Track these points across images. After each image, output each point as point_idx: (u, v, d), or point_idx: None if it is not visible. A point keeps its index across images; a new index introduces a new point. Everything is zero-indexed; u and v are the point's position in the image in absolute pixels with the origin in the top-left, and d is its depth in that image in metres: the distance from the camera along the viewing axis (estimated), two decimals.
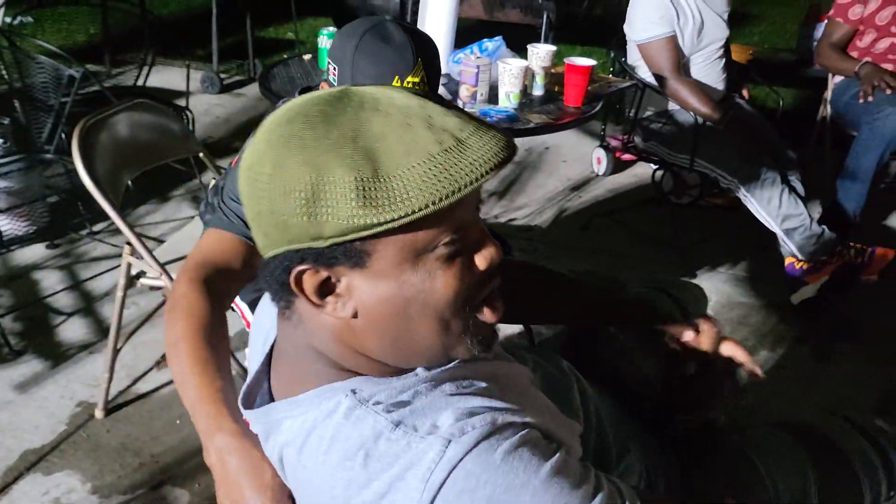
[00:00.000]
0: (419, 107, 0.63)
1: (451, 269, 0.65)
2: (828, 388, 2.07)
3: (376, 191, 0.59)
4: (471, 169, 0.60)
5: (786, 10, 7.48)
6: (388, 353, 0.69)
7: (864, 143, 2.63)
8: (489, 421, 0.64)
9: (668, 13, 2.48)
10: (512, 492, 0.61)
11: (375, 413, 0.65)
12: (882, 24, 2.85)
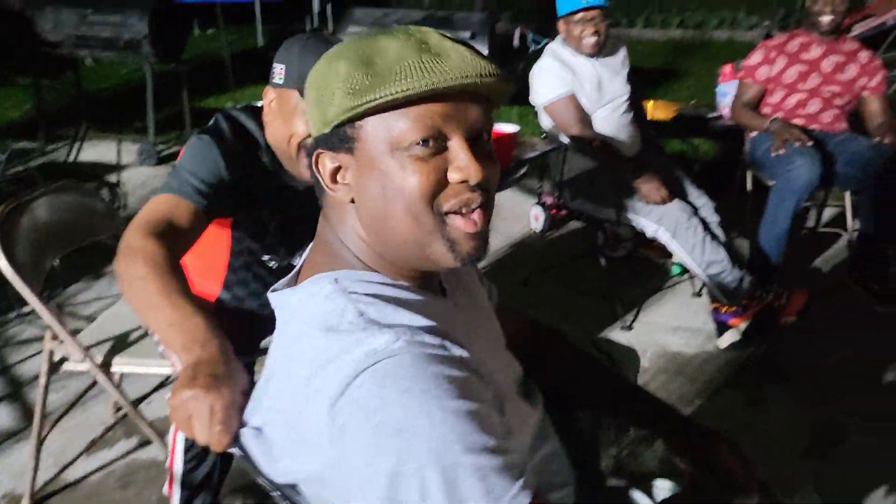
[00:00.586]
0: (424, 33, 0.77)
1: (421, 167, 0.75)
2: (762, 433, 2.11)
3: (362, 82, 0.73)
4: (442, 76, 0.72)
5: (711, 66, 7.88)
6: (377, 239, 0.80)
7: (779, 193, 2.76)
8: (429, 343, 0.73)
9: (564, 75, 2.64)
10: (416, 405, 0.67)
11: (348, 298, 0.76)
12: (790, 81, 3.04)
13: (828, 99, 3.00)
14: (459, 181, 0.76)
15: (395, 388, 0.68)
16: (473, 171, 0.75)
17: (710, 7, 10.34)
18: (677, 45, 9.36)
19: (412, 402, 0.67)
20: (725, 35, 9.72)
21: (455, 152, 0.76)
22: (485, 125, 0.79)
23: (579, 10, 2.64)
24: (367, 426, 0.67)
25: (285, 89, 1.36)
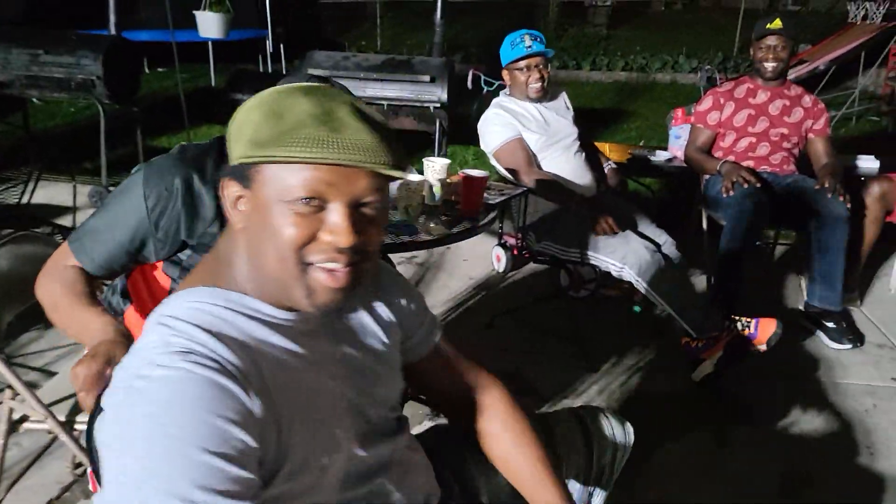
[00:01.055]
0: (337, 103, 0.84)
1: (298, 221, 0.83)
2: (731, 475, 2.14)
3: (265, 137, 0.82)
4: (331, 153, 0.80)
5: (657, 107, 8.16)
6: (253, 267, 0.89)
7: (731, 230, 2.86)
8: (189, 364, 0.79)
9: (509, 121, 2.78)
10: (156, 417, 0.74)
11: (163, 329, 0.84)
12: (739, 125, 3.17)
13: (776, 142, 3.13)
14: (329, 241, 0.84)
15: (140, 409, 0.75)
16: (343, 238, 0.84)
17: (651, 52, 10.75)
18: (622, 86, 9.68)
19: (144, 421, 0.75)
20: (668, 77, 10.09)
21: (331, 215, 0.84)
22: (371, 194, 0.86)
23: (523, 57, 2.77)
24: (116, 415, 0.77)
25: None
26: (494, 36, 11.43)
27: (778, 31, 3.06)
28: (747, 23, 10.75)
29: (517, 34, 2.82)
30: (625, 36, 12.16)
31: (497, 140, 2.78)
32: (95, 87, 3.90)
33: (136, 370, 0.79)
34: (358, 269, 0.87)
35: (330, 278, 0.86)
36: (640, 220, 2.80)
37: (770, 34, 3.07)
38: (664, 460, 2.20)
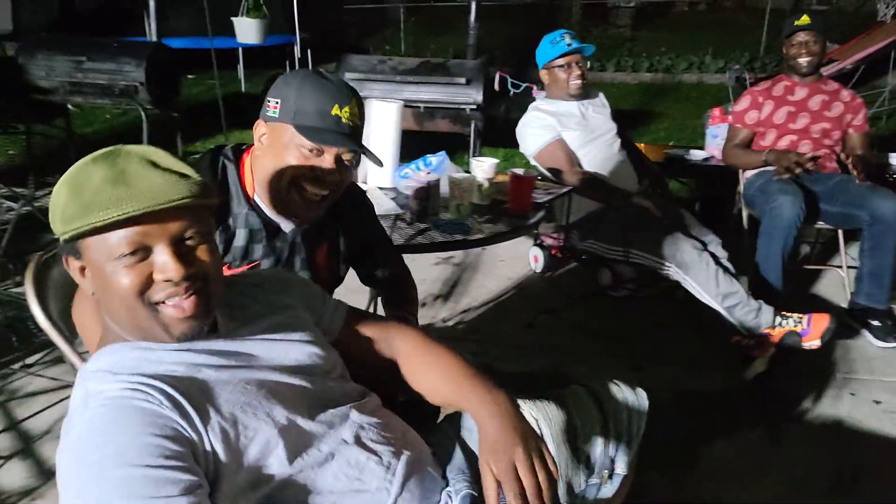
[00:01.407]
0: (128, 161, 0.93)
1: (129, 272, 0.92)
2: (783, 471, 2.14)
3: (70, 213, 0.90)
4: (130, 205, 0.88)
5: (684, 107, 8.13)
6: (115, 322, 0.99)
7: (767, 230, 2.85)
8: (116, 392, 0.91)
9: (548, 121, 2.80)
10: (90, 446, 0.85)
11: (84, 377, 0.96)
12: (780, 122, 3.15)
13: (818, 139, 3.12)
14: (164, 280, 0.93)
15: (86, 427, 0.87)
16: (173, 272, 0.93)
17: (676, 52, 10.70)
18: (648, 87, 9.64)
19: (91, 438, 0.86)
20: (695, 78, 10.04)
21: (158, 258, 0.93)
22: (188, 227, 0.95)
23: (564, 54, 2.82)
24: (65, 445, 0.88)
25: (279, 123, 1.35)
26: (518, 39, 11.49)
27: (807, 26, 3.06)
28: (774, 22, 10.67)
29: (556, 33, 2.86)
30: (649, 37, 12.10)
31: (537, 143, 2.81)
32: (138, 93, 3.97)
33: (66, 424, 0.91)
34: (202, 293, 0.97)
35: (177, 311, 0.95)
36: (685, 219, 2.81)
37: (799, 30, 3.08)
38: (716, 457, 2.20)
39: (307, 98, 1.33)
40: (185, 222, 0.94)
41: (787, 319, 2.54)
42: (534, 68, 2.98)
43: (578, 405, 1.28)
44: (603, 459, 1.25)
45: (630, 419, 1.30)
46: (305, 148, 1.33)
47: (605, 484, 1.25)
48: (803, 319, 2.53)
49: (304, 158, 1.34)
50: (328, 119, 1.32)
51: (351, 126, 1.34)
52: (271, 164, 1.37)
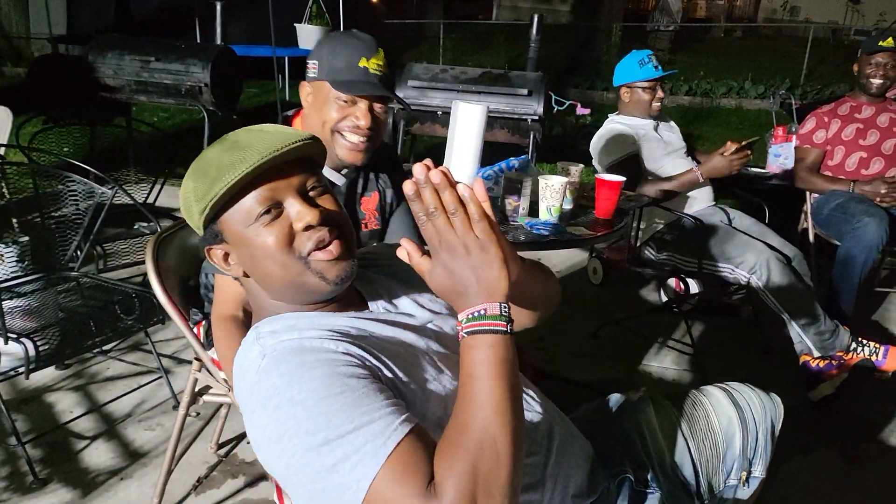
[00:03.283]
0: (237, 134, 0.99)
1: (272, 229, 0.96)
2: (865, 490, 2.11)
3: (202, 191, 0.95)
4: (249, 162, 0.91)
5: (723, 132, 8.12)
6: (272, 292, 1.02)
7: (848, 251, 2.83)
8: (296, 341, 0.92)
9: (626, 136, 2.83)
10: (291, 386, 0.85)
11: (257, 336, 0.96)
12: (849, 139, 3.14)
13: (889, 155, 3.09)
14: (303, 228, 0.96)
15: (276, 375, 0.87)
16: (309, 216, 0.96)
17: (715, 77, 10.70)
18: (686, 111, 9.63)
19: (291, 380, 0.85)
20: (733, 103, 10.02)
21: (291, 209, 0.97)
22: (308, 179, 0.99)
23: (655, 79, 2.85)
24: (259, 405, 0.86)
25: (318, 81, 1.51)
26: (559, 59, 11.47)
27: (890, 49, 3.05)
28: (814, 51, 10.66)
29: (643, 53, 2.90)
30: (687, 61, 12.11)
31: (611, 156, 2.81)
32: (202, 94, 4.04)
33: (247, 385, 0.90)
34: (343, 237, 1.00)
35: (326, 254, 0.97)
36: (768, 233, 2.81)
37: (882, 51, 3.07)
38: (796, 473, 2.17)
39: (338, 55, 1.49)
40: (304, 174, 0.98)
41: (863, 347, 2.52)
42: (573, 89, 3.00)
43: (716, 405, 1.28)
44: (741, 461, 1.25)
45: (766, 422, 1.29)
46: (341, 100, 1.49)
47: (742, 486, 1.24)
48: (880, 350, 2.50)
49: (342, 109, 1.50)
50: (357, 71, 1.48)
51: (378, 75, 1.50)
52: (317, 118, 1.53)
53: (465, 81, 3.89)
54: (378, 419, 0.81)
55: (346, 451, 0.79)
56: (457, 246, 0.83)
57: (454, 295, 0.86)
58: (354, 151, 1.53)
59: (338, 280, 0.99)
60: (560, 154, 6.26)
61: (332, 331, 0.96)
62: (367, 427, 0.80)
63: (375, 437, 0.79)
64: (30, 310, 2.35)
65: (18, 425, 2.15)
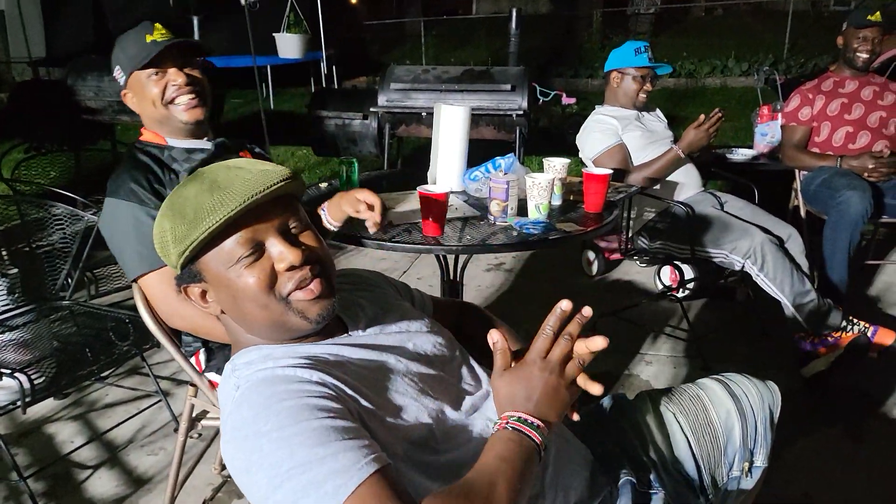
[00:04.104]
0: (215, 172, 0.97)
1: (253, 271, 0.96)
2: (871, 468, 2.11)
3: (181, 234, 0.94)
4: (232, 205, 0.92)
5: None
6: (250, 329, 1.02)
7: (834, 225, 2.83)
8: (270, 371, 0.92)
9: (611, 126, 2.84)
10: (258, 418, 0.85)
11: (233, 368, 0.98)
12: (834, 114, 3.14)
13: (875, 128, 3.09)
14: (285, 269, 0.97)
15: (246, 407, 0.87)
16: (291, 257, 0.96)
17: (697, 57, 10.70)
18: (672, 93, 9.63)
19: (258, 412, 0.86)
20: (718, 82, 10.03)
21: (273, 249, 0.97)
22: (289, 218, 1.00)
23: (643, 67, 2.87)
24: (231, 437, 0.87)
25: (130, 79, 1.62)
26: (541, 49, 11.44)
27: (878, 23, 3.04)
28: (795, 25, 10.65)
29: (641, 44, 2.92)
30: (669, 43, 12.10)
31: (598, 147, 2.81)
32: None
33: (225, 418, 0.91)
34: (324, 275, 1.01)
35: (307, 293, 0.98)
36: (760, 215, 2.80)
37: (870, 26, 3.06)
38: (800, 455, 2.17)
39: (127, 48, 1.61)
40: (285, 213, 0.99)
41: (854, 326, 2.52)
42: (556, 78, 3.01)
43: (713, 398, 1.28)
44: (743, 452, 1.24)
45: (764, 411, 1.29)
46: (153, 76, 1.60)
47: (745, 476, 1.24)
48: (869, 330, 2.51)
49: (159, 82, 1.60)
50: (150, 47, 1.58)
51: (166, 40, 1.59)
52: (147, 105, 1.62)
53: (448, 81, 3.88)
54: (343, 457, 0.80)
55: (306, 488, 0.79)
56: (554, 367, 0.95)
57: (521, 393, 0.94)
58: (190, 109, 1.62)
59: (319, 319, 0.99)
60: (549, 145, 6.26)
61: (308, 358, 0.96)
62: (330, 463, 0.80)
63: (338, 474, 0.79)
64: (24, 342, 2.33)
65: (19, 459, 2.14)
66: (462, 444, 1.00)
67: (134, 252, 1.51)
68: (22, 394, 1.81)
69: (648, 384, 2.58)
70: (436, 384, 1.05)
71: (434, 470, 0.96)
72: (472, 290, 3.46)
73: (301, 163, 6.10)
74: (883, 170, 2.95)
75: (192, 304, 1.03)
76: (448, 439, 0.99)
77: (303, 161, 6.05)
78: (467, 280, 3.55)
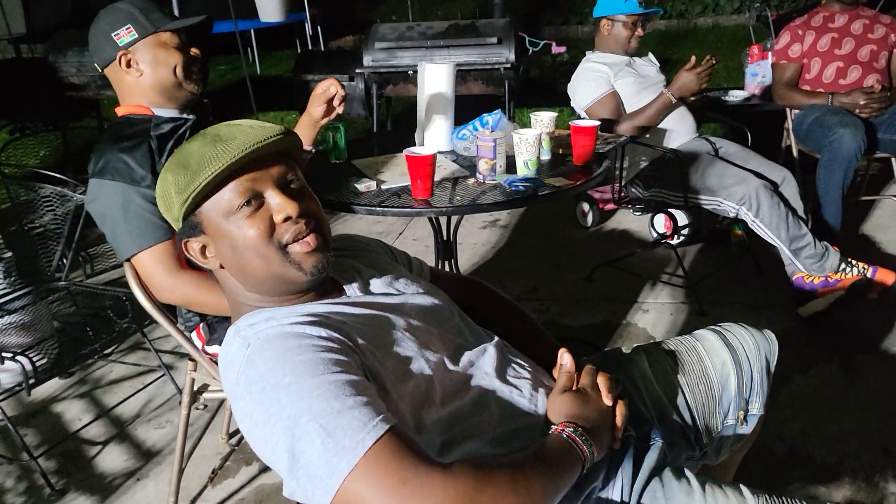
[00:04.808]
0: (217, 128, 1.02)
1: (252, 221, 0.99)
2: (867, 400, 2.14)
3: (183, 183, 0.98)
4: (233, 153, 0.95)
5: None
6: (249, 284, 1.04)
7: (827, 164, 2.83)
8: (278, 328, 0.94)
9: (601, 75, 2.81)
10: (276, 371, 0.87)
11: (237, 330, 0.98)
12: (824, 50, 3.09)
13: (866, 62, 3.05)
14: (283, 220, 1.00)
15: (262, 362, 0.89)
16: (290, 208, 0.99)
17: None
18: (664, 35, 9.48)
19: (274, 366, 0.88)
20: (710, 21, 9.85)
21: (272, 201, 1.00)
22: (288, 172, 1.03)
23: (637, 14, 2.84)
24: (246, 392, 0.89)
25: (145, 38, 1.57)
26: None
27: None
28: None
29: None
30: None
31: (590, 96, 2.79)
32: None
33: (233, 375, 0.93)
34: (320, 230, 1.04)
35: (304, 246, 1.01)
36: (754, 158, 2.79)
37: None
38: (797, 392, 2.20)
39: (147, 10, 1.59)
40: (284, 167, 1.02)
41: (853, 268, 2.52)
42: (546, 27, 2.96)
43: (709, 349, 1.29)
44: (738, 401, 1.26)
45: (760, 360, 1.31)
46: (175, 45, 1.59)
47: (741, 424, 1.26)
48: (868, 270, 2.51)
49: (180, 53, 1.60)
50: (170, 16, 1.62)
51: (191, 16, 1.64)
52: (163, 71, 1.59)
53: (433, 37, 3.82)
54: (358, 412, 0.83)
55: (325, 442, 0.81)
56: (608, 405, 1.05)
57: (581, 414, 1.01)
58: (196, 82, 1.66)
59: (314, 270, 1.01)
60: (540, 96, 6.19)
61: (312, 315, 0.98)
62: (347, 418, 0.82)
63: (355, 430, 0.81)
64: (24, 325, 2.35)
65: (29, 439, 2.17)
66: (462, 396, 1.03)
67: (124, 232, 1.51)
68: (25, 376, 1.83)
69: (646, 332, 2.61)
70: (435, 339, 1.08)
71: (435, 425, 0.98)
72: (468, 247, 3.47)
73: (291, 127, 6.06)
74: (875, 105, 2.93)
75: (187, 275, 1.13)
76: (448, 392, 1.01)
77: (292, 125, 6.00)
78: (463, 238, 3.56)
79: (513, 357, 1.14)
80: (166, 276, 1.49)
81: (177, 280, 1.49)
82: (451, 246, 2.44)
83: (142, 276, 1.52)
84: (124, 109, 1.66)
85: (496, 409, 1.02)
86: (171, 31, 1.59)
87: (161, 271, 1.50)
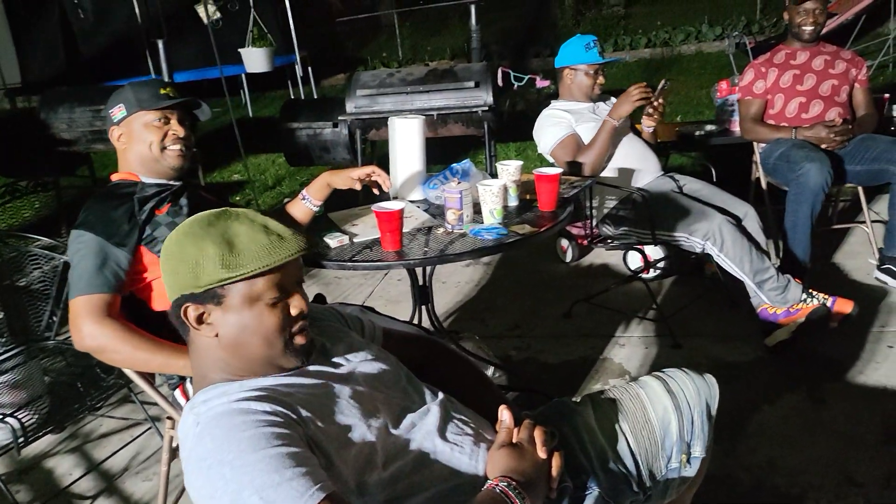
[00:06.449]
0: (262, 220, 1.12)
1: (273, 311, 1.09)
2: (833, 429, 2.20)
3: (230, 260, 1.05)
4: (285, 253, 1.07)
5: (686, 79, 8.15)
6: (236, 359, 1.11)
7: (795, 197, 2.92)
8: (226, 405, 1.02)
9: (562, 120, 2.93)
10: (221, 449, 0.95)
11: (191, 406, 1.06)
12: (787, 86, 3.21)
13: (828, 97, 3.15)
14: (298, 315, 1.12)
15: (209, 439, 0.97)
16: (304, 307, 1.13)
17: (672, 24, 10.70)
18: (648, 64, 9.65)
19: (220, 443, 0.96)
20: (693, 48, 10.04)
21: (293, 298, 1.12)
22: (301, 273, 1.16)
23: (598, 64, 2.95)
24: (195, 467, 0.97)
25: (130, 117, 1.77)
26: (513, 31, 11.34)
27: None
28: None
29: (589, 38, 3.00)
30: (643, 13, 12.10)
31: (552, 139, 2.89)
32: None
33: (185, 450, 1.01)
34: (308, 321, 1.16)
35: (304, 338, 1.13)
36: (718, 195, 2.88)
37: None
38: (764, 422, 2.27)
39: (141, 91, 1.78)
40: (300, 269, 1.16)
41: (813, 298, 2.60)
42: (534, 59, 3.10)
43: (652, 396, 1.37)
44: (680, 444, 1.33)
45: (701, 405, 1.38)
46: (155, 122, 1.76)
47: (685, 466, 1.33)
48: (828, 301, 2.59)
49: (159, 129, 1.76)
50: (161, 97, 1.77)
51: (177, 97, 1.79)
52: (141, 146, 1.77)
53: (413, 83, 3.94)
54: (297, 483, 0.91)
55: None
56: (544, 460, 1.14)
57: (517, 468, 1.09)
58: (181, 157, 1.80)
59: (307, 361, 1.15)
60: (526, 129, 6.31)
61: (260, 390, 1.06)
62: (286, 489, 0.90)
63: (293, 501, 0.89)
64: (16, 384, 2.42)
65: (21, 496, 2.24)
66: (403, 457, 1.10)
67: (77, 277, 1.61)
68: (14, 437, 1.90)
69: (622, 367, 2.68)
70: (380, 404, 1.15)
71: (377, 486, 1.05)
72: (451, 286, 3.55)
73: (282, 170, 6.16)
74: (837, 138, 3.03)
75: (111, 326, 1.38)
76: (390, 454, 1.09)
77: (283, 168, 6.11)
78: (447, 276, 3.65)
79: (455, 414, 1.22)
80: (92, 324, 1.57)
81: (101, 328, 1.57)
82: (427, 291, 2.52)
83: (70, 319, 1.61)
84: (117, 176, 1.83)
85: (438, 466, 1.10)
86: (154, 110, 1.76)
87: (89, 319, 1.58)
